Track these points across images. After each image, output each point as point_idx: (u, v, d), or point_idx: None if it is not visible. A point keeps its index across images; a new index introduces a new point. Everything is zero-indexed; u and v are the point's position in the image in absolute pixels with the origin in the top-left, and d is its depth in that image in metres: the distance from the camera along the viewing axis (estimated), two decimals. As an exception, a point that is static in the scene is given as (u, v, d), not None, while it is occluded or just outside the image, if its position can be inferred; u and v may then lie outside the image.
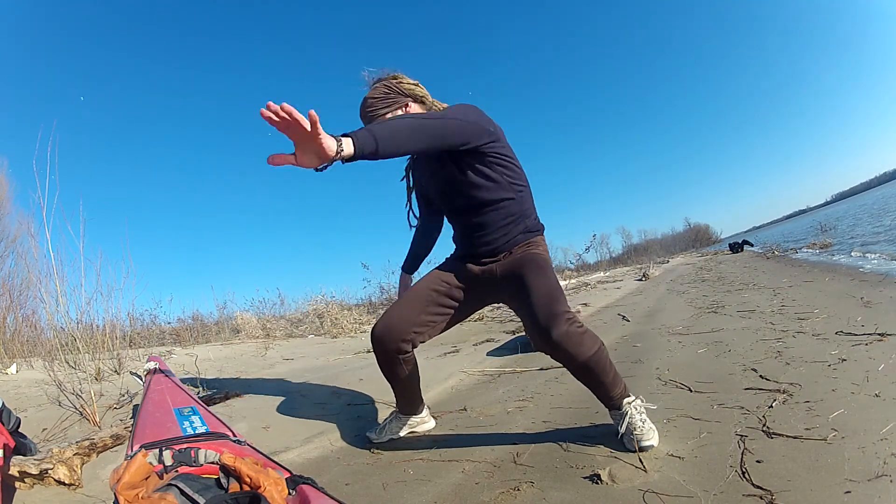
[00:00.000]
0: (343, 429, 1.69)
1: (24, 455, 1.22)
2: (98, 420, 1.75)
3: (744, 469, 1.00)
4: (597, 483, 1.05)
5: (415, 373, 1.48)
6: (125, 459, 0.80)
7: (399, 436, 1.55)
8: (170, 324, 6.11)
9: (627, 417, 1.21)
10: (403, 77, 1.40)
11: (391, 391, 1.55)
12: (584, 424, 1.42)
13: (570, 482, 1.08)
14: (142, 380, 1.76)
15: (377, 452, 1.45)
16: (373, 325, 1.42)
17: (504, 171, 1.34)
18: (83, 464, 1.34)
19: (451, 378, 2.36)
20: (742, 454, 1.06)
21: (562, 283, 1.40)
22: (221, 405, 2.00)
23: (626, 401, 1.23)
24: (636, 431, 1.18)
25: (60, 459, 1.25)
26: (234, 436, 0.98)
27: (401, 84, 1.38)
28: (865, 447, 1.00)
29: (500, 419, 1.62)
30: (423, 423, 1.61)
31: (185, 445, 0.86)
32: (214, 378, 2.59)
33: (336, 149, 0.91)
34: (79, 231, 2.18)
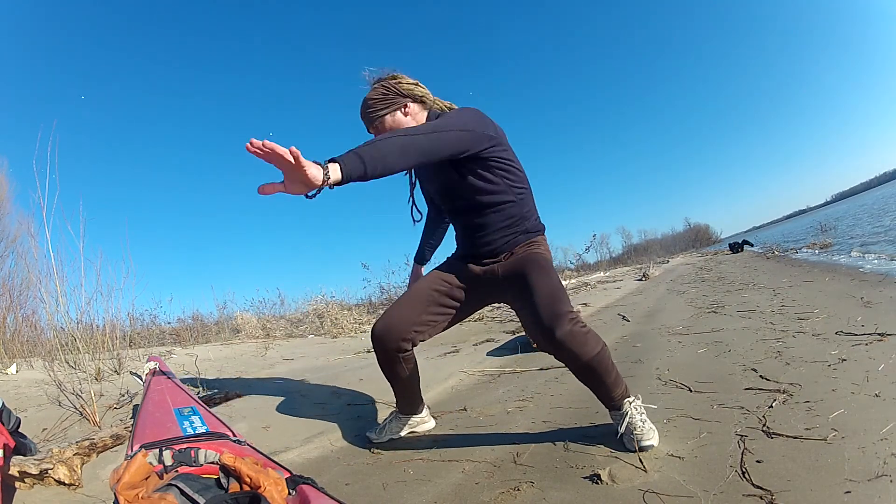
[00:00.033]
0: (343, 429, 1.69)
1: (24, 455, 1.22)
2: (98, 420, 1.75)
3: (744, 469, 1.00)
4: (597, 483, 1.05)
5: (415, 372, 1.48)
6: (125, 459, 0.80)
7: (399, 436, 1.55)
8: (170, 324, 6.12)
9: (628, 417, 1.21)
10: (403, 77, 1.38)
11: (391, 391, 1.55)
12: (584, 424, 1.42)
13: (570, 482, 1.08)
14: (142, 380, 1.76)
15: (377, 452, 1.46)
16: (373, 324, 1.42)
17: (504, 175, 1.33)
18: (83, 464, 1.34)
19: (451, 378, 2.36)
20: (742, 454, 1.06)
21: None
22: (221, 405, 2.00)
23: (627, 401, 1.23)
24: (636, 431, 1.18)
25: (60, 459, 1.25)
26: (234, 436, 0.98)
27: (399, 84, 1.36)
28: (865, 447, 1.00)
29: (500, 419, 1.62)
30: (423, 423, 1.61)
31: (185, 445, 0.86)
32: (214, 378, 2.59)
33: (322, 177, 0.92)
34: (79, 231, 2.18)
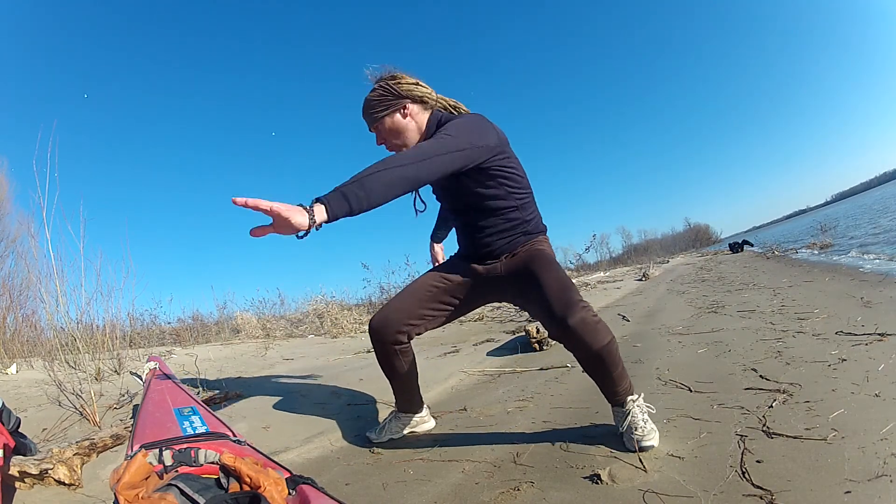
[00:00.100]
0: (343, 429, 1.69)
1: (24, 455, 1.22)
2: (98, 420, 1.75)
3: (744, 469, 1.00)
4: (597, 483, 1.05)
5: (413, 368, 1.48)
6: (125, 459, 0.80)
7: (399, 436, 1.55)
8: (170, 324, 6.12)
9: (630, 416, 1.21)
10: (403, 77, 1.36)
11: (391, 391, 1.55)
12: (584, 424, 1.42)
13: (570, 482, 1.08)
14: (142, 380, 1.76)
15: (377, 452, 1.46)
16: (371, 318, 1.43)
17: (505, 183, 1.32)
18: (83, 464, 1.34)
19: (451, 378, 2.36)
20: (742, 454, 1.06)
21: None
22: (221, 405, 2.00)
23: (630, 399, 1.23)
24: (637, 431, 1.18)
25: (60, 459, 1.25)
26: (234, 436, 0.98)
27: (399, 85, 1.34)
28: (865, 447, 1.00)
29: (500, 419, 1.62)
30: (423, 423, 1.61)
31: (185, 445, 0.86)
32: (214, 378, 2.59)
33: (308, 223, 0.93)
34: (79, 231, 2.19)
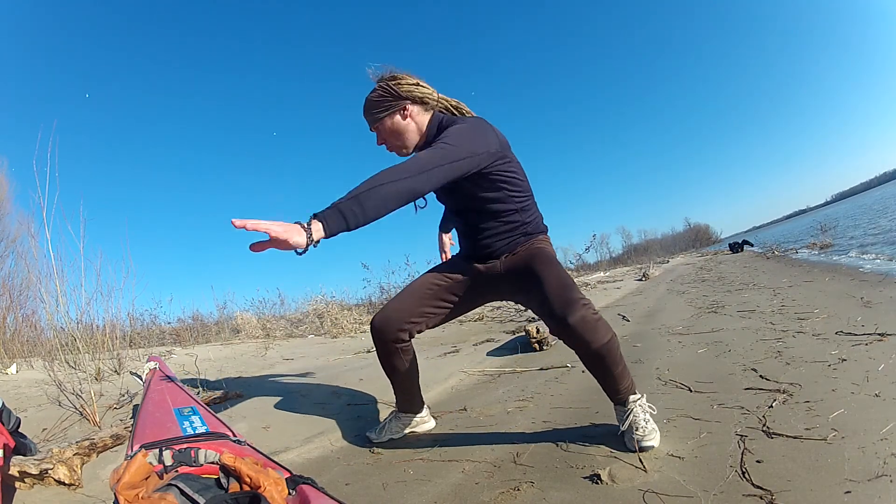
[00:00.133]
0: (343, 429, 1.69)
1: (24, 455, 1.22)
2: (98, 420, 1.75)
3: (744, 469, 1.00)
4: (597, 483, 1.05)
5: (414, 367, 1.49)
6: (125, 459, 0.80)
7: (399, 436, 1.55)
8: (170, 324, 6.13)
9: (631, 415, 1.21)
10: (403, 77, 1.35)
11: (391, 391, 1.55)
12: (584, 424, 1.42)
13: (570, 482, 1.08)
14: (142, 380, 1.76)
15: (377, 452, 1.46)
16: (373, 316, 1.44)
17: (505, 187, 1.32)
18: (83, 464, 1.34)
19: (451, 378, 2.36)
20: (742, 454, 1.06)
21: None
22: (221, 405, 2.00)
23: (632, 398, 1.23)
24: (638, 431, 1.18)
25: (60, 459, 1.25)
26: (234, 436, 0.98)
27: (399, 86, 1.33)
28: (865, 447, 1.00)
29: (500, 419, 1.62)
30: (424, 423, 1.61)
31: (185, 445, 0.86)
32: (214, 378, 2.59)
33: (306, 241, 0.95)
34: (79, 231, 2.19)
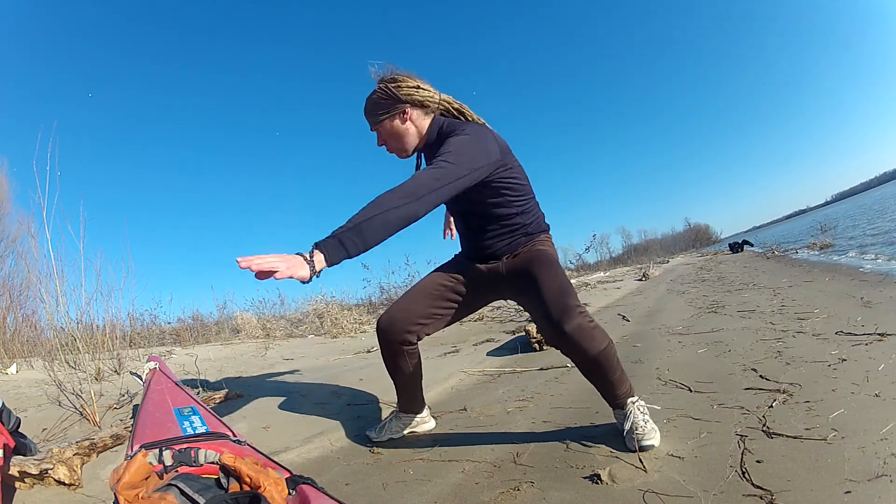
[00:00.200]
0: (343, 429, 1.69)
1: (24, 455, 1.22)
2: (98, 420, 1.75)
3: (744, 469, 1.00)
4: (597, 483, 1.05)
5: (418, 369, 1.49)
6: (125, 459, 0.80)
7: (399, 435, 1.55)
8: (170, 324, 6.11)
9: (631, 417, 1.21)
10: (404, 80, 1.33)
11: (391, 391, 1.55)
12: (585, 424, 1.42)
13: (570, 482, 1.08)
14: (142, 380, 1.76)
15: (377, 452, 1.46)
16: (379, 317, 1.44)
17: (507, 193, 1.32)
18: (83, 464, 1.34)
19: (451, 378, 2.36)
20: (742, 454, 1.06)
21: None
22: (221, 405, 2.00)
23: (630, 400, 1.24)
24: (638, 431, 1.18)
25: (60, 459, 1.25)
26: (234, 436, 0.97)
27: (399, 89, 1.31)
28: (865, 447, 1.00)
29: (500, 419, 1.62)
30: (424, 424, 1.61)
31: (185, 445, 0.86)
32: (214, 378, 2.59)
33: (309, 274, 0.96)
34: (79, 231, 2.18)
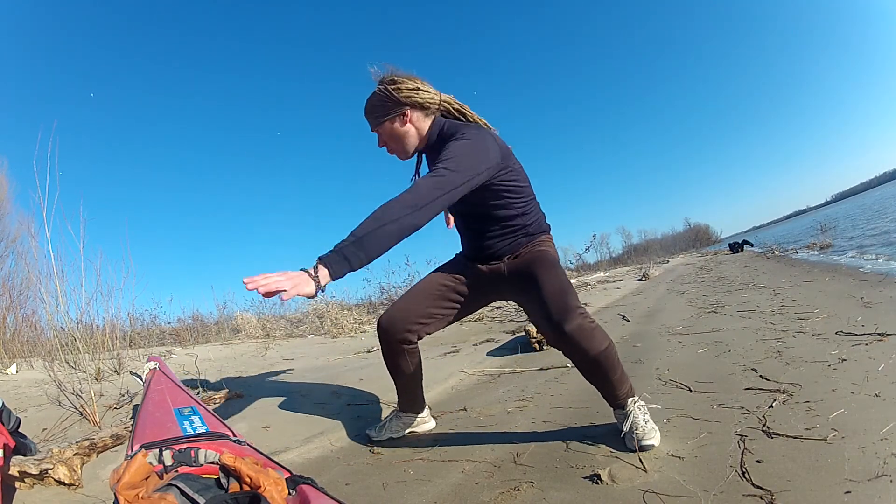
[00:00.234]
0: (343, 429, 1.69)
1: (24, 455, 1.22)
2: (98, 420, 1.75)
3: (744, 469, 1.00)
4: (597, 483, 1.05)
5: (418, 369, 1.49)
6: (125, 459, 0.80)
7: (399, 435, 1.55)
8: (170, 324, 6.11)
9: (631, 417, 1.21)
10: (403, 81, 1.32)
11: (391, 391, 1.55)
12: (585, 424, 1.42)
13: (570, 482, 1.08)
14: (142, 380, 1.76)
15: (377, 452, 1.46)
16: (379, 316, 1.44)
17: (507, 195, 1.32)
18: (83, 464, 1.34)
19: (451, 378, 2.36)
20: (742, 454, 1.07)
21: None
22: (221, 405, 2.00)
23: (631, 400, 1.24)
24: (638, 431, 1.18)
25: (60, 459, 1.25)
26: (234, 436, 0.97)
27: (398, 91, 1.30)
28: (865, 447, 1.00)
29: (500, 419, 1.62)
30: (424, 424, 1.61)
31: (185, 445, 0.86)
32: (214, 378, 2.59)
33: (315, 289, 0.98)
34: (79, 231, 2.18)
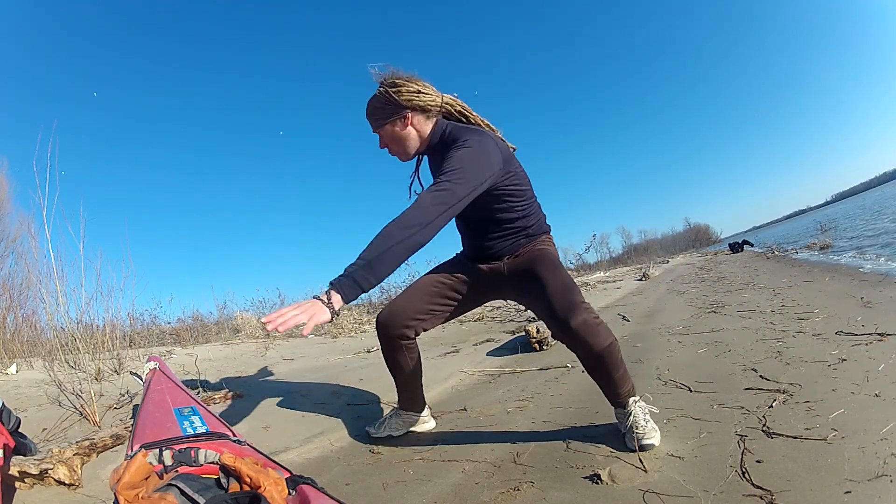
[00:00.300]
0: (343, 429, 1.69)
1: (24, 455, 1.22)
2: (98, 420, 1.75)
3: (744, 469, 1.00)
4: (597, 483, 1.05)
5: (417, 367, 1.50)
6: (125, 459, 0.80)
7: (398, 433, 1.56)
8: (170, 324, 6.11)
9: (631, 416, 1.21)
10: (405, 84, 1.31)
11: (392, 391, 1.55)
12: (585, 424, 1.42)
13: (570, 482, 1.08)
14: (142, 380, 1.76)
15: (377, 452, 1.46)
16: (378, 313, 1.44)
17: (508, 199, 1.32)
18: (83, 464, 1.34)
19: (451, 378, 2.36)
20: (742, 454, 1.07)
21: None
22: (221, 405, 2.00)
23: (632, 400, 1.24)
24: (638, 430, 1.18)
25: (60, 459, 1.25)
26: (234, 436, 0.97)
27: (400, 94, 1.30)
28: (865, 447, 1.00)
29: (500, 419, 1.62)
30: (424, 424, 1.61)
31: (185, 445, 0.86)
32: (214, 378, 2.59)
33: (331, 316, 1.00)
34: (79, 231, 2.18)
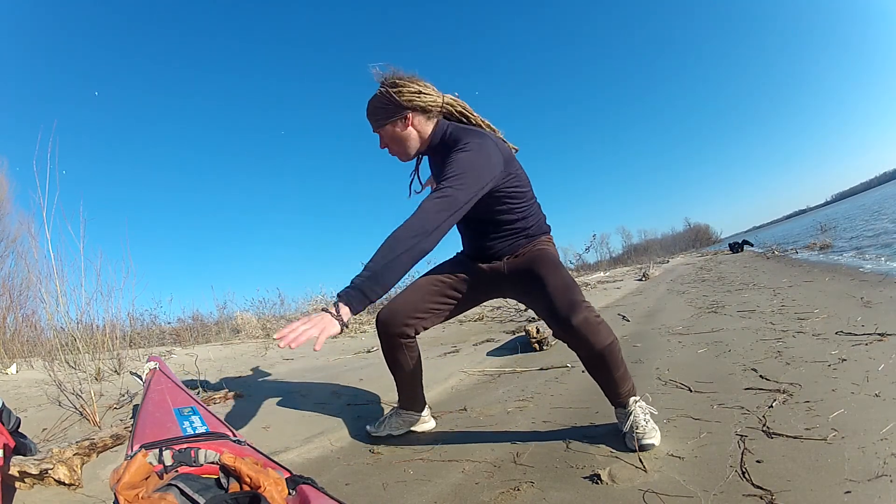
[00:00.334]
0: (343, 429, 1.69)
1: (24, 455, 1.22)
2: (98, 420, 1.75)
3: (744, 469, 1.00)
4: (597, 483, 1.05)
5: (418, 366, 1.50)
6: (125, 459, 0.80)
7: (398, 433, 1.56)
8: (170, 324, 6.10)
9: (632, 416, 1.21)
10: (405, 84, 1.31)
11: (392, 391, 1.55)
12: (585, 424, 1.43)
13: (570, 482, 1.08)
14: (142, 380, 1.76)
15: (377, 452, 1.46)
16: (377, 311, 1.44)
17: (509, 201, 1.33)
18: (83, 464, 1.34)
19: (451, 378, 2.36)
20: (742, 454, 1.07)
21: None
22: (221, 405, 2.00)
23: (632, 399, 1.24)
24: (638, 430, 1.18)
25: (60, 459, 1.24)
26: (234, 436, 0.97)
27: (400, 94, 1.30)
28: (865, 447, 1.00)
29: (500, 419, 1.62)
30: (424, 424, 1.61)
31: (185, 445, 0.86)
32: (214, 378, 2.59)
33: (341, 328, 1.02)
34: (79, 231, 2.18)
